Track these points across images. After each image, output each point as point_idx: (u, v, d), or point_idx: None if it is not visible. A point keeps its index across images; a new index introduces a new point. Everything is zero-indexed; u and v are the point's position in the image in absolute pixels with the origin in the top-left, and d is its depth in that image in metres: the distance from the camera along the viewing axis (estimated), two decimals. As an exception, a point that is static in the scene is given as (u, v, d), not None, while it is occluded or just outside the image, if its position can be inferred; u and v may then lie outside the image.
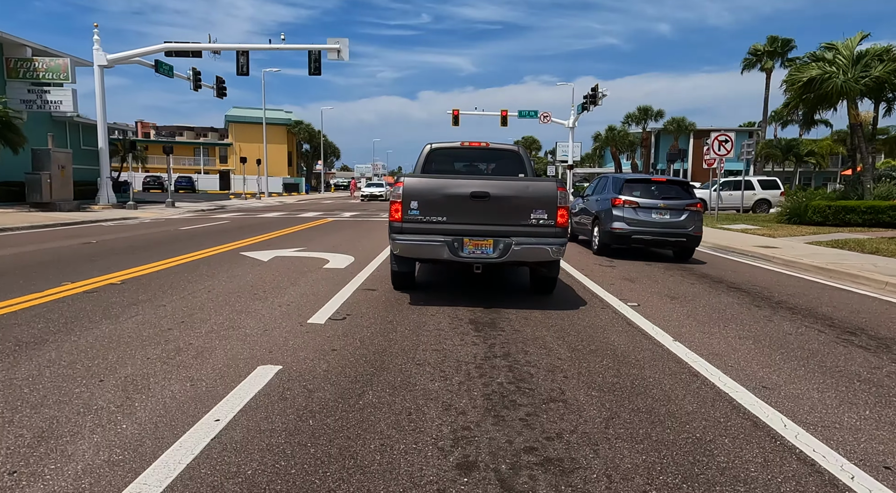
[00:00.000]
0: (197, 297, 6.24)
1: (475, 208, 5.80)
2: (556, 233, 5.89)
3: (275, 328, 4.99)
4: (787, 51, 41.10)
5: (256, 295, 6.43)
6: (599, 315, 5.88)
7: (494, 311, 5.92)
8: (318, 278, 7.64)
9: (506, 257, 5.82)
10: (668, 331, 5.26)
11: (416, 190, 5.88)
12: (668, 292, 7.39)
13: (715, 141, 20.34)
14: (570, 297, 6.87)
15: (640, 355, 4.47)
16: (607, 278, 8.41)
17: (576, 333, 5.12)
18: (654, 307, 6.36)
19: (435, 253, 5.87)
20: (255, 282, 7.26)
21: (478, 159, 8.28)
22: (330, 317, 5.46)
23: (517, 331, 5.12)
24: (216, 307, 5.76)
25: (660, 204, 10.75)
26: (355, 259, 9.55)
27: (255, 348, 4.40)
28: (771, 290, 7.79)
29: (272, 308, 5.79)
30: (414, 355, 4.31)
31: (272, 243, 11.83)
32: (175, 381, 3.64)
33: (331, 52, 25.02)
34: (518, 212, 5.85)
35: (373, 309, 5.88)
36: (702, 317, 5.96)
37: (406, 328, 5.13)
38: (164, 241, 12.06)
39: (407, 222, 5.91)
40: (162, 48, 24.90)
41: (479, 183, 5.88)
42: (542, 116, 42.78)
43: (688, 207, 10.73)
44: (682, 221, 10.65)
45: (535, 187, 5.89)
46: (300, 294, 6.54)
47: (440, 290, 7.09)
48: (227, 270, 8.18)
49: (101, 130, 24.41)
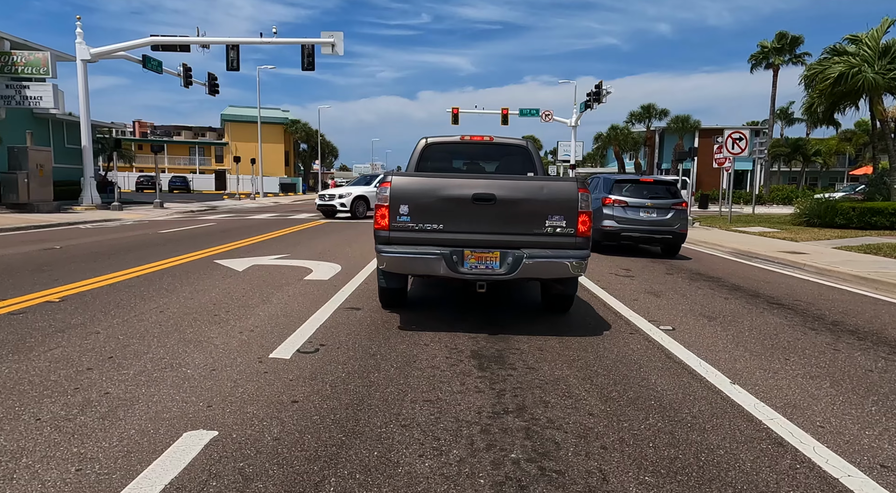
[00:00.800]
0: (143, 320, 5.19)
1: (478, 214, 4.82)
2: (576, 244, 4.87)
3: (225, 367, 3.94)
4: (796, 48, 40.03)
5: (217, 317, 5.37)
6: (629, 344, 4.83)
7: (501, 338, 4.87)
8: (296, 294, 6.59)
9: (515, 272, 4.78)
10: (719, 368, 4.21)
11: (406, 192, 4.86)
12: (702, 310, 6.34)
13: (728, 139, 19.30)
14: (589, 317, 5.82)
15: (696, 409, 3.42)
16: (628, 291, 7.35)
17: (605, 371, 4.07)
18: (691, 332, 5.31)
19: (429, 268, 4.83)
20: (220, 298, 6.21)
21: (480, 156, 7.19)
22: (299, 349, 4.41)
23: (532, 369, 4.07)
24: (161, 335, 4.70)
25: (647, 203, 11.24)
26: (342, 268, 8.50)
27: (191, 399, 3.35)
28: (818, 306, 6.74)
29: (230, 336, 4.73)
30: (399, 411, 3.26)
31: (253, 249, 10.77)
32: (57, 463, 2.58)
33: (325, 47, 23.94)
34: (530, 218, 4.84)
35: (354, 336, 4.83)
36: (753, 345, 4.91)
37: (392, 365, 4.08)
38: (136, 246, 11.01)
39: (395, 231, 4.90)
40: (148, 42, 23.82)
41: (483, 183, 4.86)
42: (544, 114, 41.72)
43: (674, 206, 11.23)
44: (669, 219, 11.15)
45: (551, 188, 4.88)
46: (269, 315, 5.49)
47: (436, 308, 6.05)
48: (192, 282, 7.12)
49: (85, 127, 23.33)
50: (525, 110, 41.57)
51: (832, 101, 16.78)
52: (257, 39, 24.25)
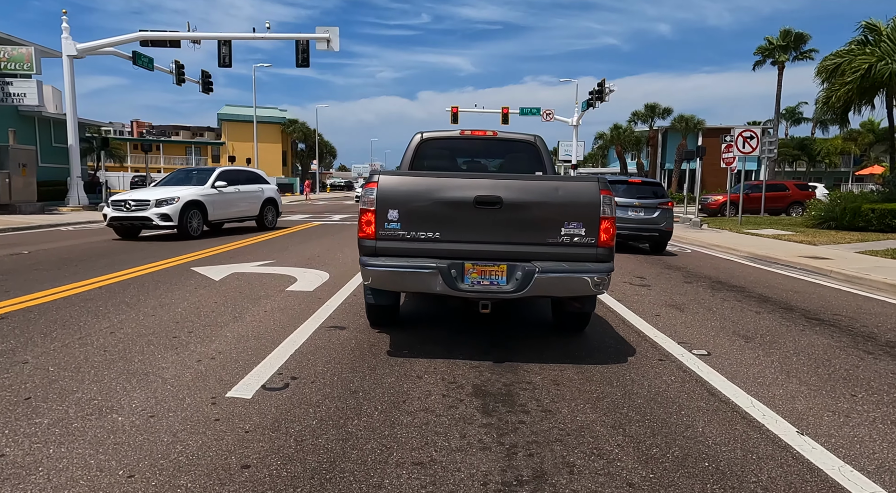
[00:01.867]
0: (87, 344, 4.42)
1: (482, 220, 4.09)
2: (598, 256, 4.13)
3: (168, 412, 3.17)
4: (801, 45, 39.28)
5: (176, 339, 4.60)
6: (661, 374, 4.06)
7: (509, 367, 4.11)
8: (274, 309, 5.82)
9: (525, 290, 4.04)
10: (777, 409, 3.44)
11: (395, 193, 4.12)
12: (734, 327, 5.58)
13: (739, 137, 18.54)
14: (608, 337, 5.05)
15: (764, 475, 2.65)
16: (647, 304, 6.59)
17: (638, 415, 3.30)
18: (730, 357, 4.54)
19: (423, 284, 4.08)
20: (186, 315, 5.44)
21: (482, 153, 6.53)
22: (265, 384, 3.64)
23: (548, 412, 3.30)
24: (102, 365, 3.93)
25: (635, 202, 11.62)
26: (330, 277, 7.73)
27: (110, 465, 2.58)
28: (861, 321, 5.97)
29: (185, 366, 3.96)
30: (381, 481, 2.50)
31: (237, 255, 10.00)
32: None
33: (320, 42, 23.16)
34: (543, 225, 4.11)
35: (334, 365, 4.06)
36: (806, 375, 4.14)
37: (377, 407, 3.31)
38: (111, 250, 10.23)
39: (383, 240, 4.15)
40: (137, 37, 23.05)
41: (487, 184, 4.11)
42: (545, 113, 41.00)
43: (660, 205, 11.71)
44: (655, 217, 11.61)
45: (568, 190, 4.13)
46: (238, 337, 4.72)
47: (432, 327, 5.28)
48: (160, 294, 6.35)
49: (71, 125, 22.53)
50: (526, 109, 40.84)
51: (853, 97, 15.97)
52: (249, 35, 23.46)
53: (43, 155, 24.86)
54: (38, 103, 20.72)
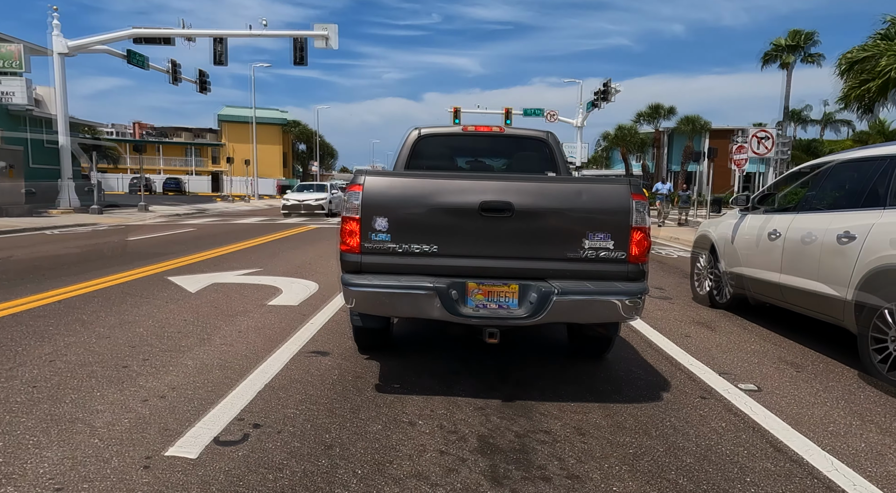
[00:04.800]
0: (15, 377, 3.70)
1: (488, 230, 3.41)
2: (629, 273, 3.44)
3: (82, 481, 2.45)
4: (810, 45, 38.49)
5: (125, 370, 3.88)
6: (707, 419, 3.32)
7: (521, 408, 3.38)
8: (250, 327, 5.10)
9: (541, 315, 3.31)
10: (866, 474, 2.70)
11: (384, 198, 3.44)
12: (777, 352, 4.84)
13: (753, 138, 17.80)
14: (635, 366, 4.32)
15: None
16: (672, 321, 5.85)
17: (692, 484, 2.56)
18: (785, 394, 3.80)
19: (417, 308, 3.37)
20: (145, 336, 4.72)
21: (487, 152, 5.82)
22: (218, 435, 2.91)
23: (575, 479, 2.57)
24: (22, 407, 3.21)
25: None
26: (319, 288, 7.01)
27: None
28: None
29: (125, 408, 3.24)
30: None
31: (222, 262, 9.28)
32: None
33: (318, 40, 22.49)
34: (563, 237, 3.43)
35: (308, 405, 3.34)
36: (886, 421, 3.39)
37: (355, 471, 2.58)
38: (88, 257, 9.53)
39: (369, 254, 3.45)
40: (129, 34, 22.39)
41: (495, 187, 3.43)
42: (549, 114, 40.32)
43: None
44: None
45: (593, 194, 3.44)
46: (200, 367, 4.00)
47: (428, 352, 4.56)
48: (123, 310, 5.63)
49: (62, 125, 21.88)
50: (529, 110, 40.18)
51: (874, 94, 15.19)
52: (244, 32, 22.79)
53: (34, 156, 24.20)
54: (26, 102, 20.09)
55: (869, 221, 4.15)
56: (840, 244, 4.33)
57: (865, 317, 4.03)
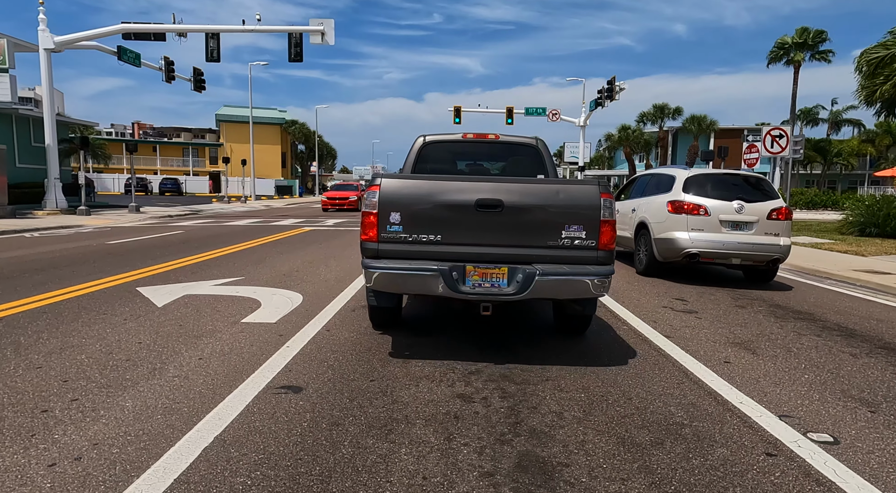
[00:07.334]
0: None
1: (483, 223, 4.17)
2: (598, 258, 4.19)
3: None
4: (819, 43, 37.71)
5: (45, 415, 3.12)
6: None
7: (542, 482, 2.61)
8: (214, 352, 4.34)
9: (526, 292, 4.07)
10: None
11: (397, 197, 4.18)
12: (839, 384, 4.06)
13: (767, 136, 17.01)
14: (675, 406, 3.54)
15: None
16: (706, 343, 5.06)
17: None
18: (872, 449, 3.02)
19: (425, 286, 4.10)
20: (86, 366, 3.96)
21: (484, 157, 6.58)
22: (133, 525, 2.14)
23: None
24: None
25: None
26: (303, 300, 6.25)
27: None
28: None
29: (23, 479, 2.47)
30: None
31: (202, 269, 8.52)
32: None
33: (314, 35, 21.74)
34: (544, 228, 4.18)
35: (265, 470, 2.57)
36: None
37: None
38: (56, 263, 8.77)
39: (385, 243, 4.20)
40: (119, 30, 21.64)
41: (488, 187, 4.18)
42: (551, 113, 39.60)
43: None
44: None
45: (569, 193, 4.19)
46: (141, 409, 3.23)
47: (417, 393, 3.79)
48: (72, 329, 4.87)
49: (49, 124, 21.13)
50: (531, 109, 39.48)
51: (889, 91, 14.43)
52: (237, 27, 22.02)
53: (21, 155, 23.49)
54: (10, 99, 19.32)
55: (639, 203, 9.59)
56: (632, 213, 9.69)
57: (636, 243, 9.46)
